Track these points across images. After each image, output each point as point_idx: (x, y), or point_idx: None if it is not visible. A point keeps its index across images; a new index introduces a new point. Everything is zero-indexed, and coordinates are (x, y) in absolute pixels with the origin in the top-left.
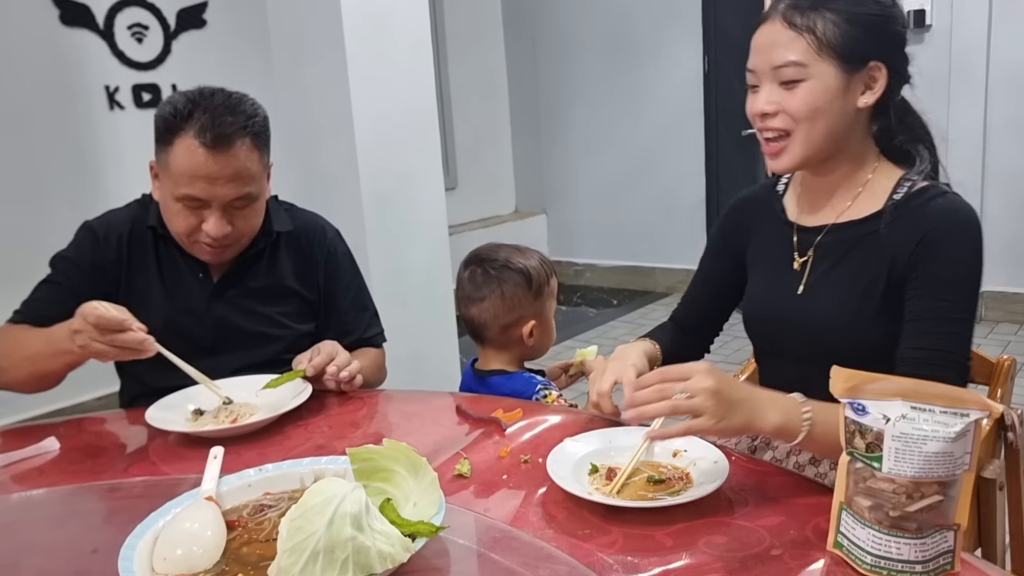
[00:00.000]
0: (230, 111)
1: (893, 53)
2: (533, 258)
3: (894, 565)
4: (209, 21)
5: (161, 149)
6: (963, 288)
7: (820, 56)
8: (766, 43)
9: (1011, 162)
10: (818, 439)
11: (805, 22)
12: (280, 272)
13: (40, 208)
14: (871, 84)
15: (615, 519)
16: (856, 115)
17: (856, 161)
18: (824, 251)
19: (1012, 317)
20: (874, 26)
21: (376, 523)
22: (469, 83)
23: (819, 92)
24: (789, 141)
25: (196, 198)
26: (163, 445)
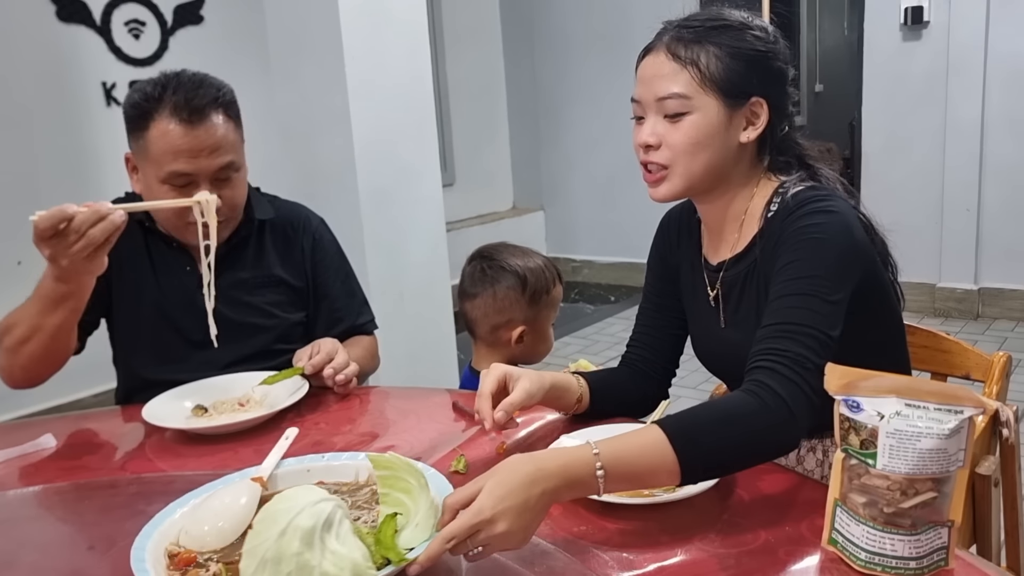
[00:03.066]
0: (199, 85)
1: (775, 89)
2: (535, 263)
3: (888, 561)
4: (206, 17)
5: (137, 137)
6: (806, 267)
7: (703, 89)
8: (650, 74)
9: (1008, 158)
10: (622, 481)
11: (689, 55)
12: (267, 261)
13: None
14: (753, 120)
15: (611, 515)
16: (739, 150)
17: (741, 191)
18: (728, 287)
19: (1008, 314)
20: (756, 62)
21: (335, 542)
22: (467, 79)
23: (702, 126)
24: (668, 172)
25: (182, 173)
26: (159, 442)
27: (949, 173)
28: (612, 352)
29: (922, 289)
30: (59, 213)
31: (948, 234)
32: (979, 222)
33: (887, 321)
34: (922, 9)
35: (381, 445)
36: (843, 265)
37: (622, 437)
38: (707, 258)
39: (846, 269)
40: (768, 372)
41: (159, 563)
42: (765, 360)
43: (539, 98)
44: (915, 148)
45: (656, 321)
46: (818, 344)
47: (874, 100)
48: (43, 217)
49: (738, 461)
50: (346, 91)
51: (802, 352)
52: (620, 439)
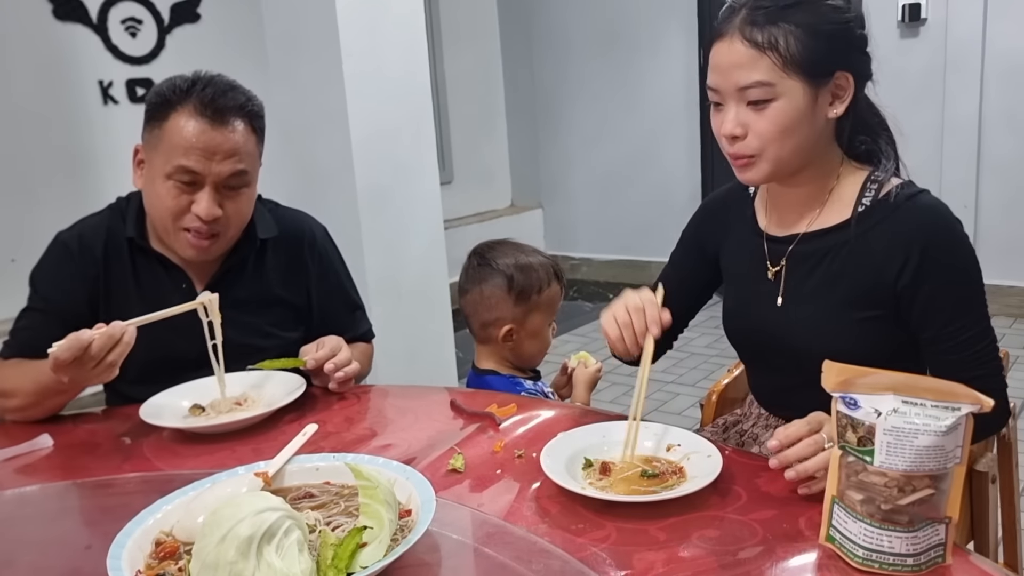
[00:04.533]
0: (230, 89)
1: (858, 59)
2: (527, 262)
3: (886, 558)
4: (203, 15)
5: (153, 126)
6: (979, 296)
7: (786, 74)
8: (727, 62)
9: (1006, 155)
10: None
11: (766, 39)
12: (267, 281)
13: (34, 203)
14: (839, 94)
15: (609, 513)
16: (825, 125)
17: (822, 169)
18: (797, 261)
19: (1006, 310)
20: (837, 36)
21: (273, 554)
22: (465, 77)
23: (789, 111)
24: (758, 159)
25: (190, 171)
26: (157, 441)
27: (947, 170)
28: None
29: None
30: (76, 343)
31: None
32: (977, 218)
33: None
34: (919, 6)
35: (379, 444)
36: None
37: None
38: (770, 233)
39: None
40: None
41: (137, 558)
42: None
43: (537, 95)
44: (913, 145)
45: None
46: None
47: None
48: (62, 349)
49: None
50: (343, 89)
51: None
52: None
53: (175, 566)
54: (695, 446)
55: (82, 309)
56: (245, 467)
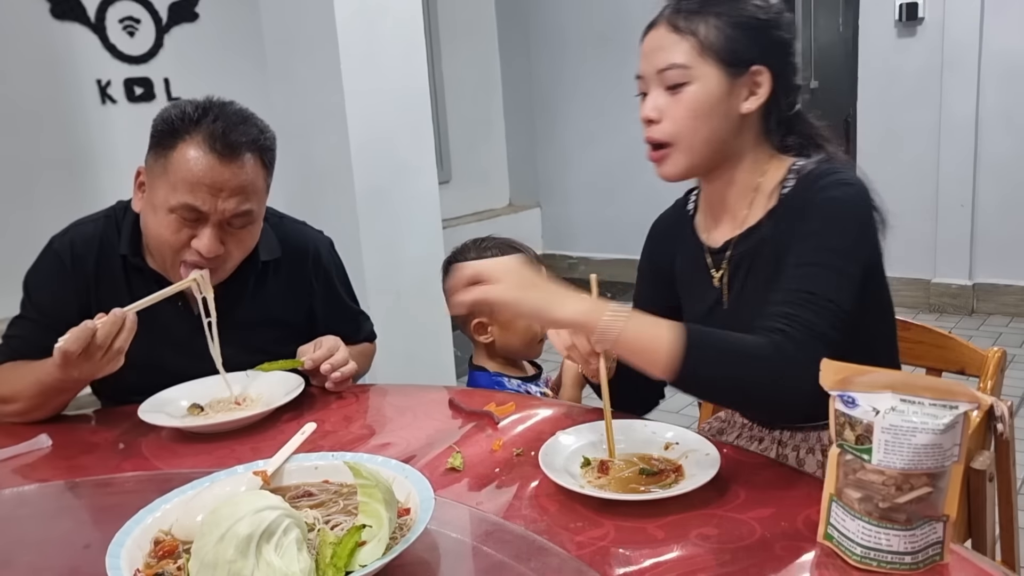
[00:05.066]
0: (243, 121)
1: (777, 58)
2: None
3: (884, 556)
4: (201, 15)
5: (159, 154)
6: (829, 237)
7: (703, 58)
8: (651, 47)
9: (1003, 154)
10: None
11: (688, 25)
12: (267, 301)
13: (32, 203)
14: (754, 89)
15: (607, 512)
16: (741, 121)
17: (749, 167)
18: (735, 264)
19: (1003, 309)
20: (756, 30)
21: (272, 553)
22: (463, 76)
23: (702, 96)
24: (671, 150)
25: (194, 208)
26: (156, 440)
27: (944, 169)
28: None
29: (917, 284)
30: (83, 332)
31: (943, 230)
32: (974, 218)
33: (882, 310)
34: (916, 6)
35: (378, 442)
36: (860, 238)
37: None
38: (708, 243)
39: (862, 242)
40: (783, 335)
41: (136, 557)
42: (781, 323)
43: (535, 95)
44: (910, 144)
45: None
46: (833, 317)
47: (869, 96)
48: (70, 341)
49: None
50: (342, 89)
51: (817, 321)
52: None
53: (174, 565)
54: (693, 444)
55: (74, 321)
56: (244, 466)
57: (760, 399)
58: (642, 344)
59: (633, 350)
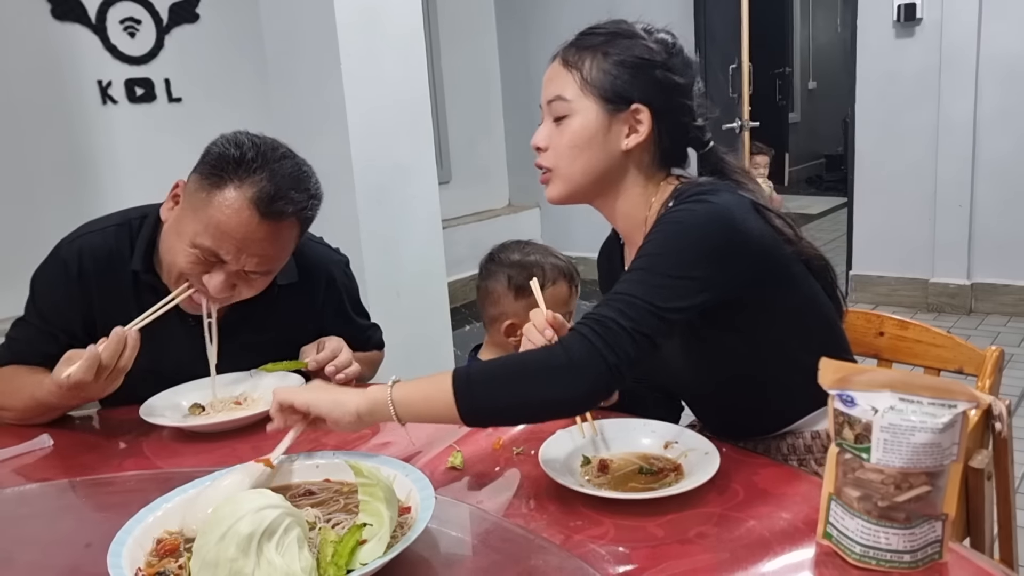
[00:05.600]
0: (294, 185)
1: (659, 98)
2: (533, 259)
3: (883, 555)
4: (202, 15)
5: (202, 185)
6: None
7: (583, 93)
8: (546, 78)
9: (1001, 154)
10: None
11: (576, 60)
12: (277, 323)
13: (34, 204)
14: (635, 127)
15: (607, 510)
16: (624, 157)
17: (637, 199)
18: None
19: (1001, 309)
20: (639, 68)
21: (273, 551)
22: (462, 76)
23: (578, 129)
24: (553, 175)
25: (216, 254)
26: (157, 440)
27: (942, 169)
28: None
29: (915, 284)
30: (91, 360)
31: (941, 229)
32: (972, 218)
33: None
34: (915, 6)
35: (379, 441)
36: (701, 247)
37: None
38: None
39: (705, 251)
40: (574, 333)
41: (138, 555)
42: (578, 324)
43: (534, 94)
44: (908, 144)
45: None
46: (633, 310)
47: (867, 97)
48: (80, 371)
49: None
50: (342, 89)
51: (608, 314)
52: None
53: (175, 564)
54: (692, 443)
55: (76, 330)
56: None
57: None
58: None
59: (420, 413)
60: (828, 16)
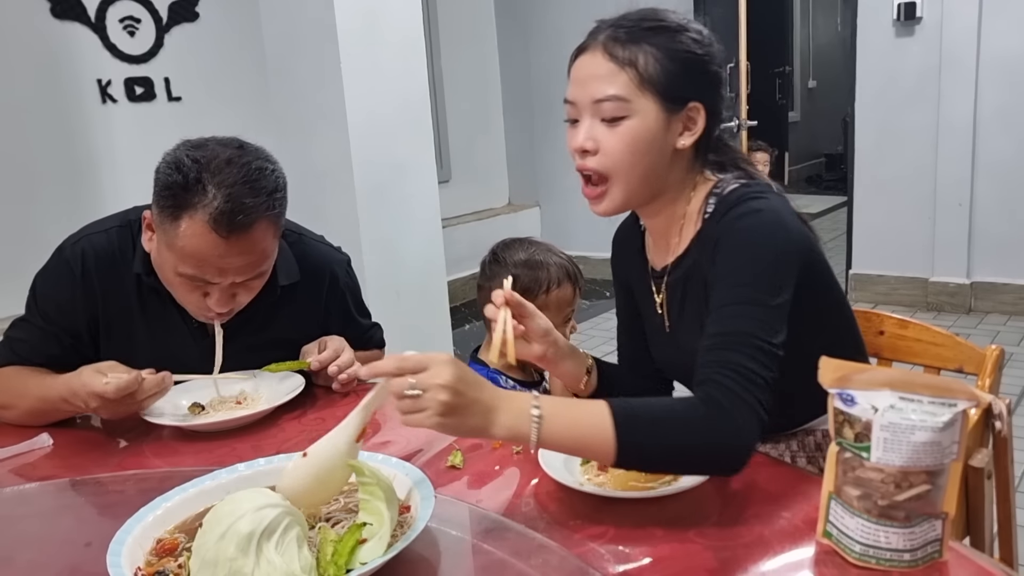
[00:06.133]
0: (250, 189)
1: (711, 94)
2: (538, 260)
3: (883, 554)
4: (201, 14)
5: (163, 218)
6: (745, 273)
7: (642, 92)
8: (586, 75)
9: (1000, 154)
10: (554, 440)
11: (627, 55)
12: (281, 325)
13: (33, 202)
14: (690, 126)
15: (606, 509)
16: (674, 156)
17: (677, 196)
18: (671, 291)
19: (1000, 308)
20: (693, 65)
21: (272, 551)
22: (462, 75)
23: (641, 131)
24: (609, 186)
25: (203, 279)
26: (157, 439)
27: (942, 168)
28: (607, 347)
29: (915, 283)
30: (132, 384)
31: (941, 229)
32: (971, 217)
33: (835, 316)
34: (915, 5)
35: (378, 440)
36: (780, 265)
37: (567, 399)
38: (653, 264)
39: (784, 268)
40: (718, 386)
41: (137, 555)
42: (715, 372)
43: (534, 94)
44: (908, 144)
45: (632, 336)
46: (764, 355)
47: (867, 96)
48: (115, 385)
49: (675, 462)
50: (342, 88)
51: (750, 366)
52: (565, 400)
53: (175, 563)
54: None
55: (80, 331)
56: (245, 464)
57: (715, 462)
58: (576, 438)
59: (568, 446)
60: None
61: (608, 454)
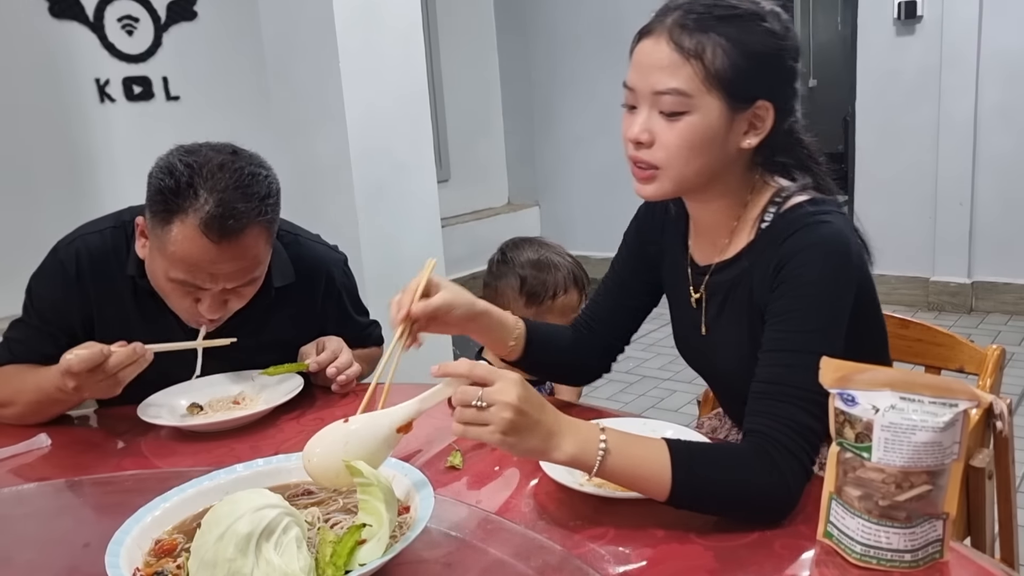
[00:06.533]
0: (242, 195)
1: (782, 91)
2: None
3: (883, 554)
4: (200, 13)
5: (155, 223)
6: (805, 320)
7: (706, 88)
8: (648, 62)
9: (1001, 152)
10: (614, 473)
11: (694, 45)
12: (277, 325)
13: (31, 202)
14: (756, 124)
15: (606, 510)
16: (735, 155)
17: (733, 195)
18: (712, 292)
19: (1001, 307)
20: (766, 61)
21: (272, 551)
22: (461, 74)
23: (701, 129)
24: (659, 173)
25: (195, 285)
26: (155, 439)
27: (942, 167)
28: None
29: (915, 283)
30: (95, 356)
31: (941, 228)
32: (972, 216)
33: (873, 334)
34: (915, 4)
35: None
36: (840, 308)
37: (630, 434)
38: (694, 257)
39: (842, 311)
40: (771, 441)
41: (136, 555)
42: (768, 425)
43: (533, 93)
44: (909, 142)
45: (615, 296)
46: (818, 408)
47: (868, 95)
48: (77, 361)
49: (724, 509)
50: (341, 87)
51: (805, 421)
52: (628, 434)
53: (173, 564)
54: None
55: (76, 330)
56: (243, 464)
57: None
58: (635, 473)
59: (625, 480)
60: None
61: (661, 494)
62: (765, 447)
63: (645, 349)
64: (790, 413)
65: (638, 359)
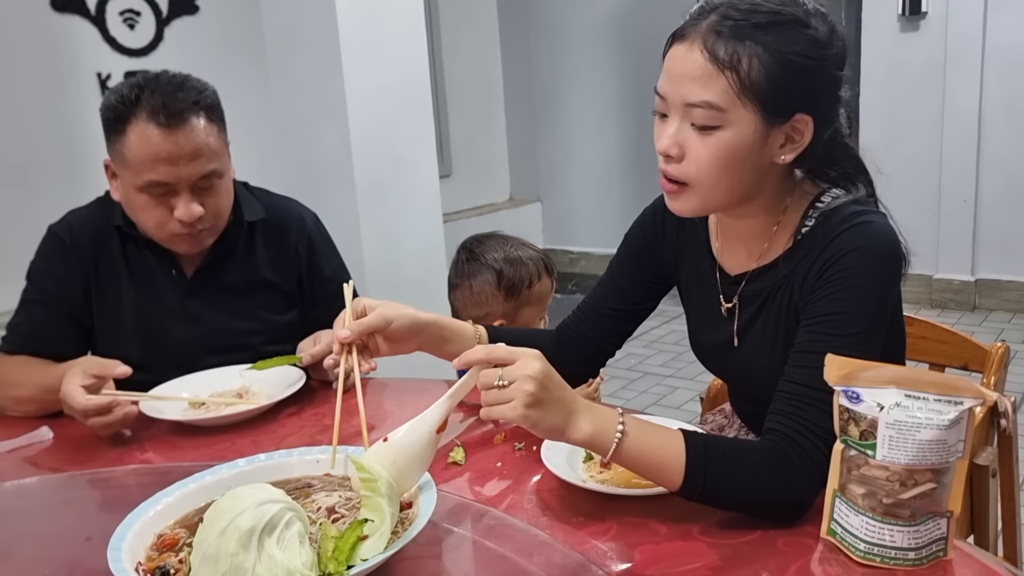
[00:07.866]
0: (179, 88)
1: (824, 103)
2: (517, 255)
3: (887, 552)
4: (202, 7)
5: (114, 142)
6: (840, 321)
7: (741, 101)
8: (680, 71)
9: (1005, 149)
10: (629, 457)
11: (728, 55)
12: (256, 264)
13: (31, 195)
14: (794, 137)
15: (609, 506)
16: (769, 168)
17: (771, 205)
18: (747, 301)
19: (1005, 305)
20: (807, 72)
21: (274, 546)
22: (463, 70)
23: (734, 145)
24: (687, 190)
25: (161, 183)
26: (157, 434)
27: (946, 164)
28: None
29: (919, 280)
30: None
31: (945, 225)
32: (976, 213)
33: (897, 337)
34: (920, 0)
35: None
36: (881, 313)
37: (648, 421)
38: (723, 266)
39: (883, 314)
40: (790, 443)
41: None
42: (789, 426)
43: (536, 88)
44: (913, 139)
45: (611, 300)
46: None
47: (872, 91)
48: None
49: (735, 505)
50: (343, 82)
51: (828, 426)
52: (646, 421)
53: (175, 558)
54: None
55: (78, 297)
56: (245, 459)
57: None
58: (649, 460)
59: (639, 466)
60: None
61: (673, 483)
62: (784, 448)
63: (647, 346)
64: (815, 418)
65: (640, 356)
